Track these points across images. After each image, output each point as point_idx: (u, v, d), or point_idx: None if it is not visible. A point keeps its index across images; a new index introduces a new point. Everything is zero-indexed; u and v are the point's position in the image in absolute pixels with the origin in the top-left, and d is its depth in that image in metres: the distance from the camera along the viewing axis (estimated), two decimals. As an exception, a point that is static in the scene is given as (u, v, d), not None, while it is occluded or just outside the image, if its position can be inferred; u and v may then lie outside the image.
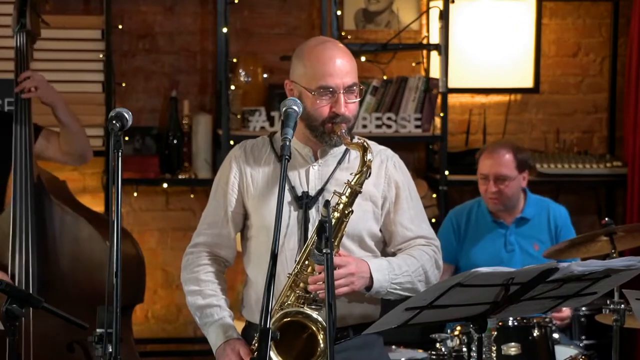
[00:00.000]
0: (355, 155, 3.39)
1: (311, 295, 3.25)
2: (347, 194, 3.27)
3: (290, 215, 3.37)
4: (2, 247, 4.28)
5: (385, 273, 3.33)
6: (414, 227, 3.46)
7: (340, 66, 3.34)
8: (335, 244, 3.27)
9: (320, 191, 3.38)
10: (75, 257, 4.36)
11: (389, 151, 3.52)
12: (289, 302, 3.27)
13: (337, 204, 3.27)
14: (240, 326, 3.51)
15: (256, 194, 3.44)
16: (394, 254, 3.47)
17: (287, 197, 3.37)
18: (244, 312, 3.52)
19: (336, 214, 3.26)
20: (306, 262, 3.27)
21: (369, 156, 3.27)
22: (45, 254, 4.32)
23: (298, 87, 3.38)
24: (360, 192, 3.28)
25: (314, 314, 3.21)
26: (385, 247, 3.50)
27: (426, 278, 3.41)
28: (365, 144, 3.29)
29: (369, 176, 3.29)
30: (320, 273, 3.22)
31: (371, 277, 3.31)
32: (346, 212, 3.27)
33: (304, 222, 3.35)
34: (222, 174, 3.53)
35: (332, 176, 3.40)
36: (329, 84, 3.32)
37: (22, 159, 4.29)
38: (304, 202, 3.36)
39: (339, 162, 3.42)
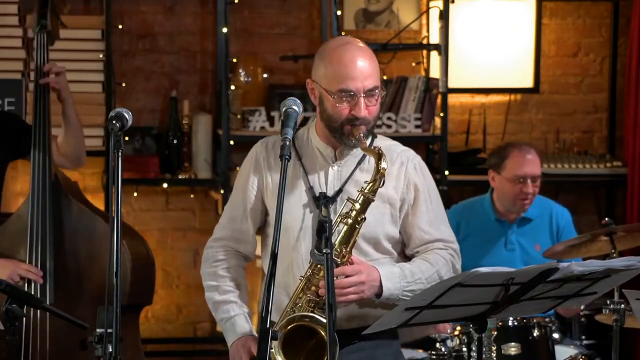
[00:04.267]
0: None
1: (322, 299, 3.24)
2: (360, 202, 3.26)
3: (306, 216, 3.37)
4: (19, 246, 4.29)
5: (397, 281, 3.32)
6: (432, 230, 3.44)
7: (362, 69, 3.32)
8: (348, 249, 3.27)
9: (339, 192, 3.37)
10: (91, 256, 4.36)
11: (410, 152, 3.49)
12: (301, 304, 3.27)
13: (350, 210, 3.26)
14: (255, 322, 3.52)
15: (275, 192, 3.42)
16: (412, 257, 3.45)
17: (305, 197, 3.38)
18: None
19: (349, 221, 3.25)
20: (318, 266, 3.25)
21: (383, 164, 3.25)
22: (61, 252, 4.32)
23: (319, 87, 3.37)
24: (373, 200, 3.27)
25: (323, 318, 3.20)
26: (405, 248, 3.48)
27: None
28: (380, 151, 3.27)
29: (383, 184, 3.28)
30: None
31: (381, 285, 3.31)
32: (359, 219, 3.26)
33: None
34: (243, 170, 3.52)
35: (351, 178, 3.39)
36: (350, 87, 3.30)
37: (40, 156, 4.29)
38: (321, 202, 3.35)
39: (359, 164, 3.41)
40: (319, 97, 3.37)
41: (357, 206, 3.26)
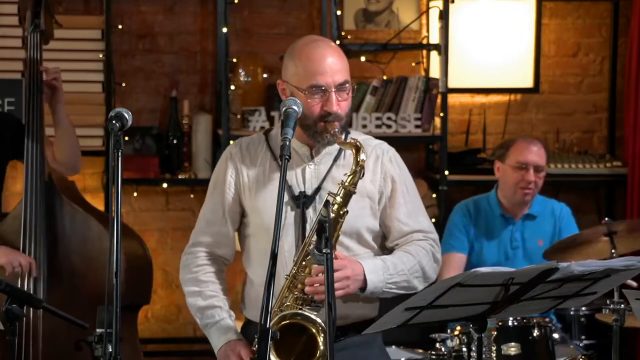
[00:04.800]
0: (351, 152, 3.40)
1: (309, 297, 3.26)
2: (341, 195, 3.27)
3: (288, 215, 3.38)
4: (14, 245, 4.29)
5: (380, 274, 3.34)
6: (410, 221, 3.46)
7: (331, 64, 3.34)
8: (332, 244, 3.27)
9: (317, 190, 3.39)
10: (85, 256, 4.37)
11: (385, 145, 3.52)
12: (288, 303, 3.27)
13: (332, 204, 3.26)
14: (239, 325, 3.51)
15: (253, 192, 3.44)
16: (392, 249, 3.48)
17: (285, 196, 3.37)
18: (245, 311, 3.52)
19: (332, 215, 3.25)
20: (303, 263, 3.28)
21: (362, 156, 3.26)
22: (55, 253, 4.33)
23: (290, 86, 3.38)
24: (354, 193, 3.27)
25: (313, 316, 3.22)
26: (384, 241, 3.50)
27: (423, 274, 3.43)
28: (358, 143, 3.29)
29: (363, 176, 3.29)
30: (317, 275, 3.23)
31: (365, 279, 3.31)
32: (341, 212, 3.27)
33: (302, 221, 3.35)
34: (218, 173, 3.53)
35: (329, 174, 3.40)
36: (320, 82, 3.32)
37: (33, 157, 4.29)
38: (301, 201, 3.37)
39: (335, 160, 3.43)
40: (290, 96, 3.37)
41: (339, 199, 3.26)
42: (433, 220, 5.99)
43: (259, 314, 3.37)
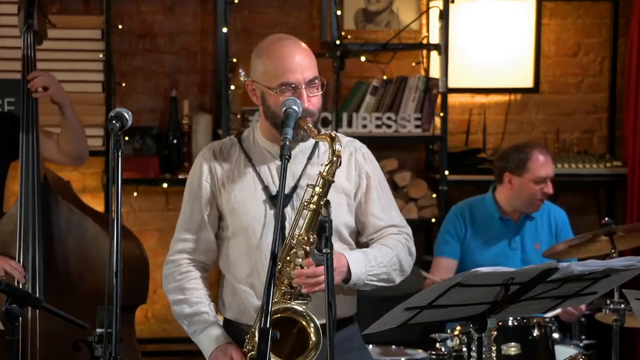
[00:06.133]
0: (324, 149, 3.42)
1: (296, 291, 3.27)
2: (320, 185, 3.27)
3: (267, 214, 3.39)
4: (9, 247, 4.29)
5: (362, 265, 3.36)
6: (385, 216, 3.49)
7: (300, 61, 3.34)
8: (315, 236, 3.27)
9: (294, 188, 3.39)
10: (81, 256, 4.37)
11: (356, 142, 3.54)
12: (275, 299, 3.26)
13: (312, 195, 3.27)
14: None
15: (229, 195, 3.44)
16: (366, 244, 3.50)
17: (262, 196, 3.39)
18: (224, 311, 3.53)
19: (312, 207, 3.25)
20: (287, 258, 3.29)
21: (337, 146, 3.27)
22: (51, 253, 4.32)
23: (260, 86, 3.38)
24: (333, 182, 3.27)
25: (301, 309, 3.24)
26: (359, 236, 3.52)
27: (400, 267, 3.46)
28: (332, 134, 3.30)
29: (340, 165, 3.29)
30: (302, 267, 3.25)
31: (349, 271, 3.33)
32: (321, 203, 3.27)
33: (281, 220, 3.35)
34: (193, 178, 3.52)
35: (304, 172, 3.41)
36: (290, 80, 3.32)
37: (28, 158, 4.29)
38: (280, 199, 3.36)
39: (309, 158, 3.44)
40: (260, 96, 3.39)
41: (318, 189, 3.26)
42: (433, 220, 6.01)
43: (240, 314, 3.40)
